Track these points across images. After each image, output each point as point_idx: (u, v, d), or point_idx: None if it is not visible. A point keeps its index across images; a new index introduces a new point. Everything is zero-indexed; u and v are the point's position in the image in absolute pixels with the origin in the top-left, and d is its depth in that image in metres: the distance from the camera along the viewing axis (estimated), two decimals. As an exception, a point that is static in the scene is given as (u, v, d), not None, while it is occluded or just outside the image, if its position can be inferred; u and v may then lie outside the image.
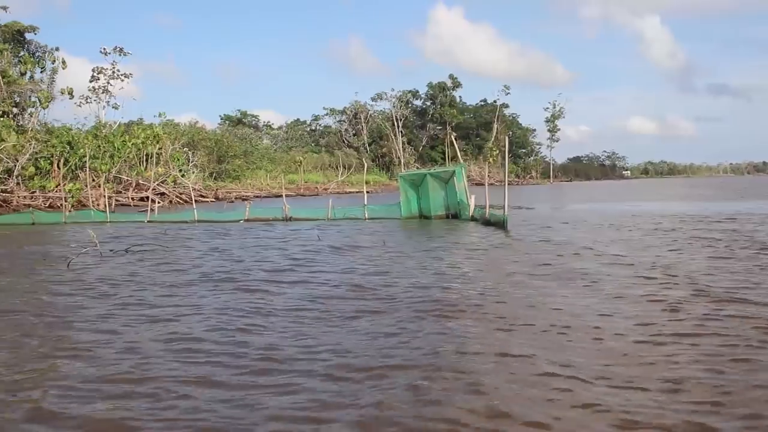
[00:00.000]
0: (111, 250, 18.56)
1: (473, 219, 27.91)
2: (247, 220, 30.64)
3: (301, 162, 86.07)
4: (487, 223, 26.00)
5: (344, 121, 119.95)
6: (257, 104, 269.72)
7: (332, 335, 8.38)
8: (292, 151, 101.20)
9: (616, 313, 9.19)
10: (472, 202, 28.73)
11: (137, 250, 18.76)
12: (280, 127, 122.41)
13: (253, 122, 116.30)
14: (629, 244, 17.80)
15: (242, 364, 7.20)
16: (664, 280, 11.79)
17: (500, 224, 24.20)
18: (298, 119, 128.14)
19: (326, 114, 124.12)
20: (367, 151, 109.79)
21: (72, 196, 41.66)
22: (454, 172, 29.66)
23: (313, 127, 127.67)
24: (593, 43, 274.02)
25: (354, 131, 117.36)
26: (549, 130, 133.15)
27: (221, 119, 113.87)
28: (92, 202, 41.76)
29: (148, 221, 31.59)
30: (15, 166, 45.40)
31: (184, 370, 7.01)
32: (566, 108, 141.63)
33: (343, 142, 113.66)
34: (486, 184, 29.18)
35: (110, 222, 31.95)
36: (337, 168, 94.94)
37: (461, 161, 32.64)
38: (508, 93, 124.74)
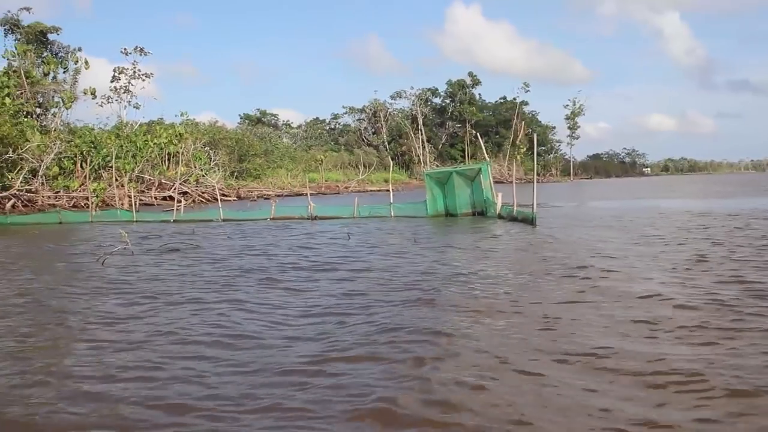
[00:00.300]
0: (148, 249, 18.66)
1: (500, 216, 27.79)
2: (273, 219, 30.70)
3: (322, 160, 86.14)
4: (514, 220, 25.91)
5: (363, 119, 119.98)
6: (276, 103, 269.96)
7: (383, 328, 8.37)
8: (312, 150, 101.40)
9: (661, 315, 9.06)
10: (498, 200, 28.64)
11: (169, 249, 18.85)
12: (299, 126, 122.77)
13: (273, 121, 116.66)
14: (664, 241, 17.62)
15: (301, 353, 7.24)
16: (707, 277, 11.66)
17: (528, 221, 24.13)
18: (317, 118, 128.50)
19: (345, 113, 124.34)
20: (386, 150, 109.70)
21: (96, 196, 41.92)
22: (479, 169, 29.60)
23: (333, 126, 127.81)
24: (612, 40, 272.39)
25: (373, 129, 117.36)
26: (569, 128, 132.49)
27: (241, 118, 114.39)
28: (117, 201, 42.07)
29: (174, 220, 31.74)
30: (40, 166, 45.70)
31: (246, 362, 7.03)
32: (586, 105, 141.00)
33: (363, 140, 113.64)
34: (513, 181, 29.12)
35: (136, 221, 32.14)
36: (356, 167, 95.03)
37: (487, 159, 32.48)
38: (528, 90, 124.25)
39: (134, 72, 72.26)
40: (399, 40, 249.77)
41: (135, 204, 35.52)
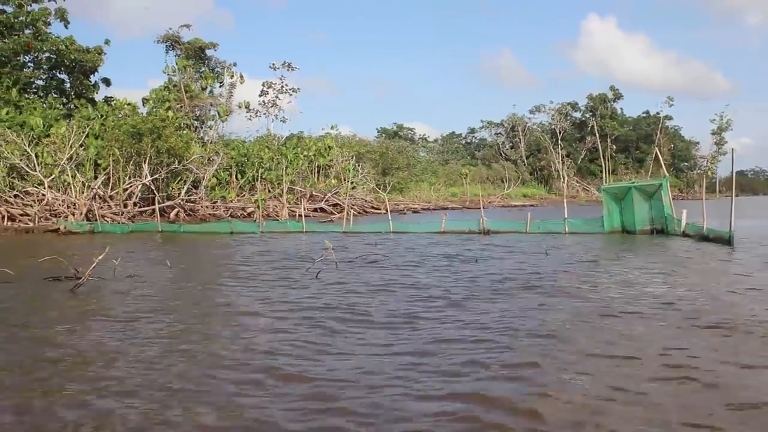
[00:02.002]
0: (347, 261, 18.60)
1: (685, 235, 26.47)
2: (442, 233, 30.31)
3: (467, 174, 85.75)
4: (705, 239, 24.60)
5: (501, 133, 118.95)
6: (407, 117, 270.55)
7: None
8: (449, 164, 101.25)
9: None
10: (684, 217, 27.30)
11: (368, 261, 18.72)
12: (435, 140, 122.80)
13: (409, 135, 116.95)
14: None
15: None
16: None
17: (722, 241, 22.94)
18: (453, 132, 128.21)
19: (482, 127, 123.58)
20: (524, 164, 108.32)
21: (258, 207, 42.86)
22: (660, 185, 28.45)
23: (468, 140, 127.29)
24: (756, 51, 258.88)
25: (511, 144, 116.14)
26: (715, 143, 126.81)
27: (378, 132, 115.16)
28: (286, 212, 43.29)
29: (344, 232, 31.83)
30: (203, 177, 47.13)
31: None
32: (733, 120, 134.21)
33: (500, 155, 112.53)
34: (703, 198, 27.73)
35: (306, 232, 32.41)
36: (494, 181, 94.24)
37: (666, 175, 31.20)
38: (672, 105, 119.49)
39: (282, 87, 73.62)
40: (532, 52, 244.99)
41: (303, 216, 35.95)
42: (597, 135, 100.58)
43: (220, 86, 62.92)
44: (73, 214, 38.76)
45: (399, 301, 11.90)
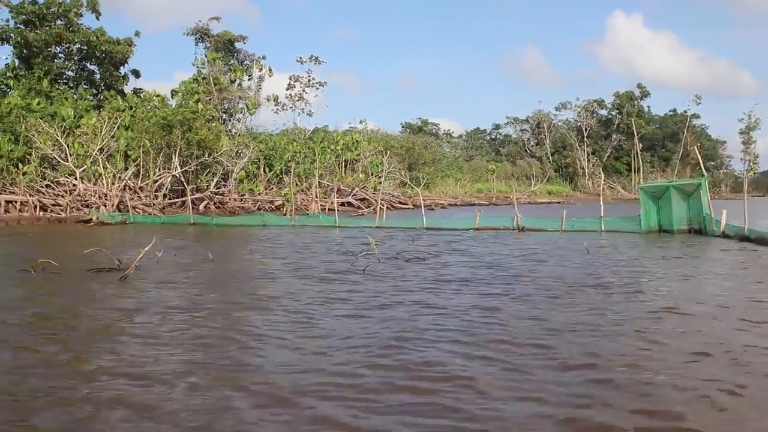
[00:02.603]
0: (394, 256, 18.44)
1: (724, 235, 26.07)
2: (476, 229, 30.03)
3: (494, 170, 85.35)
4: (746, 239, 24.20)
5: (526, 130, 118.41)
6: (431, 113, 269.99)
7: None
8: (474, 160, 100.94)
9: None
10: (723, 217, 26.88)
11: (411, 257, 18.52)
12: (459, 136, 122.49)
13: (434, 130, 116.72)
14: None
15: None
16: None
17: (765, 242, 22.58)
18: (477, 128, 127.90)
19: (507, 123, 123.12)
20: (549, 161, 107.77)
21: (288, 200, 42.80)
22: (699, 184, 28.07)
23: (493, 136, 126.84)
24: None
25: (536, 141, 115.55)
26: (743, 143, 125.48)
27: (402, 127, 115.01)
28: (317, 205, 43.38)
29: (377, 226, 31.67)
30: (233, 170, 47.18)
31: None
32: (762, 119, 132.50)
33: (526, 151, 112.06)
34: (745, 197, 27.35)
35: (339, 226, 32.30)
36: (518, 178, 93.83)
37: (705, 174, 30.81)
38: (699, 103, 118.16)
39: (308, 80, 73.62)
40: (557, 50, 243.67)
41: (336, 210, 35.75)
42: (635, 133, 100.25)
43: (248, 79, 63.06)
44: (105, 205, 38.94)
45: (463, 295, 11.75)
